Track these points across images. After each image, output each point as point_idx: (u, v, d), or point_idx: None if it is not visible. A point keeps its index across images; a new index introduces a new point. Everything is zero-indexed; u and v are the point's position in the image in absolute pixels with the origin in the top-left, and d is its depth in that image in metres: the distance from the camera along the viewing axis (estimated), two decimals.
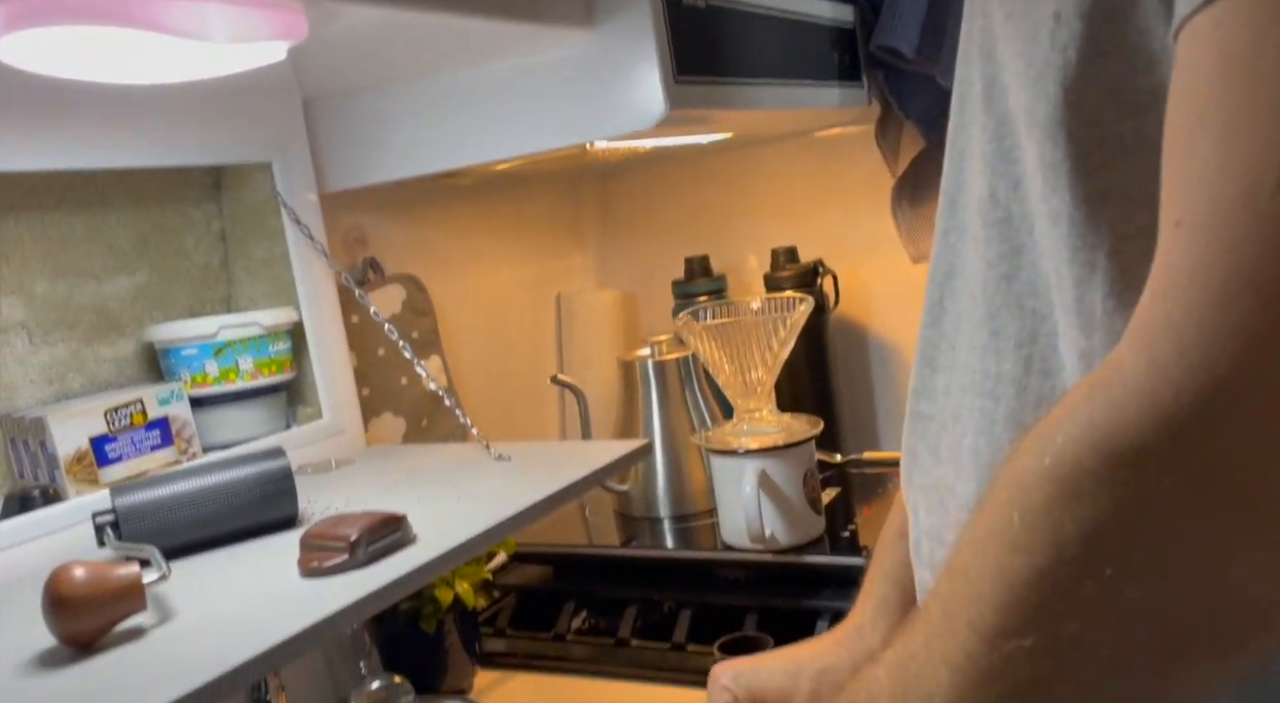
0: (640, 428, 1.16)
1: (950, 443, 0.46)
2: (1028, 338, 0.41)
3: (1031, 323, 0.41)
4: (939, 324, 0.48)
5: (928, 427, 0.49)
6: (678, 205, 1.52)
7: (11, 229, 0.81)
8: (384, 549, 0.63)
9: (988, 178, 0.41)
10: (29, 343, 0.82)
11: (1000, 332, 0.42)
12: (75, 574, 0.52)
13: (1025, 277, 0.41)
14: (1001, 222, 0.41)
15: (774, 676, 0.61)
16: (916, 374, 0.50)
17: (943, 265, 0.47)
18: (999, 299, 0.42)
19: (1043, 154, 0.37)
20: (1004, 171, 0.41)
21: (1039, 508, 0.32)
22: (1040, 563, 0.32)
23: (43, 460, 0.77)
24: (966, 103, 0.44)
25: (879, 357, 1.42)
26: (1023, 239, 0.40)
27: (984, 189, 0.42)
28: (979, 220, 0.42)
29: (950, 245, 0.46)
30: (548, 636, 1.04)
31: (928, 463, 0.49)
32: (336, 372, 0.98)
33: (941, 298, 0.47)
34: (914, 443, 0.50)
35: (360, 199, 1.12)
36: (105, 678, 0.50)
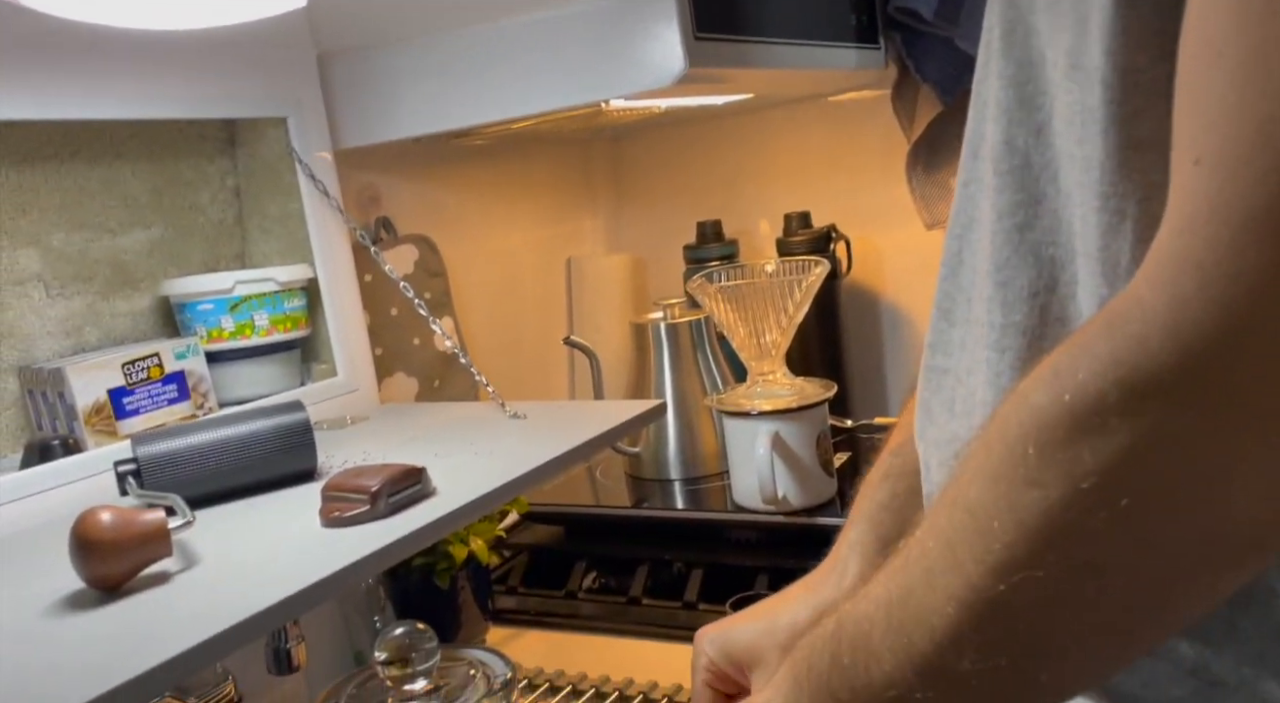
0: (652, 391, 1.17)
1: (965, 396, 0.46)
2: (1044, 288, 0.41)
3: (1050, 271, 0.40)
4: (957, 277, 0.47)
5: (942, 380, 0.49)
6: (690, 169, 1.51)
7: (28, 179, 0.81)
8: (404, 501, 0.64)
9: (1004, 125, 0.41)
10: (46, 295, 0.82)
11: (1009, 283, 0.42)
12: (102, 518, 0.52)
13: (1044, 225, 0.40)
14: (1018, 169, 0.40)
15: (746, 634, 0.59)
16: (933, 328, 0.49)
17: (962, 217, 0.46)
18: (1009, 249, 0.41)
19: (1080, 99, 0.37)
20: (1023, 119, 0.40)
21: (1058, 443, 0.33)
22: (1055, 496, 0.33)
23: (61, 412, 0.78)
24: (989, 50, 0.43)
25: (890, 323, 1.42)
26: (1044, 187, 0.40)
27: (999, 137, 0.41)
28: (991, 168, 0.41)
29: (970, 197, 0.45)
30: (559, 594, 1.05)
31: (942, 418, 0.49)
32: (351, 329, 0.98)
33: (960, 250, 0.47)
34: (928, 397, 0.50)
35: (373, 158, 1.12)
36: (133, 620, 0.51)
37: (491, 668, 0.57)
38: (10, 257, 0.80)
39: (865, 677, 0.39)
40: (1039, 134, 0.40)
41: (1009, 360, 0.42)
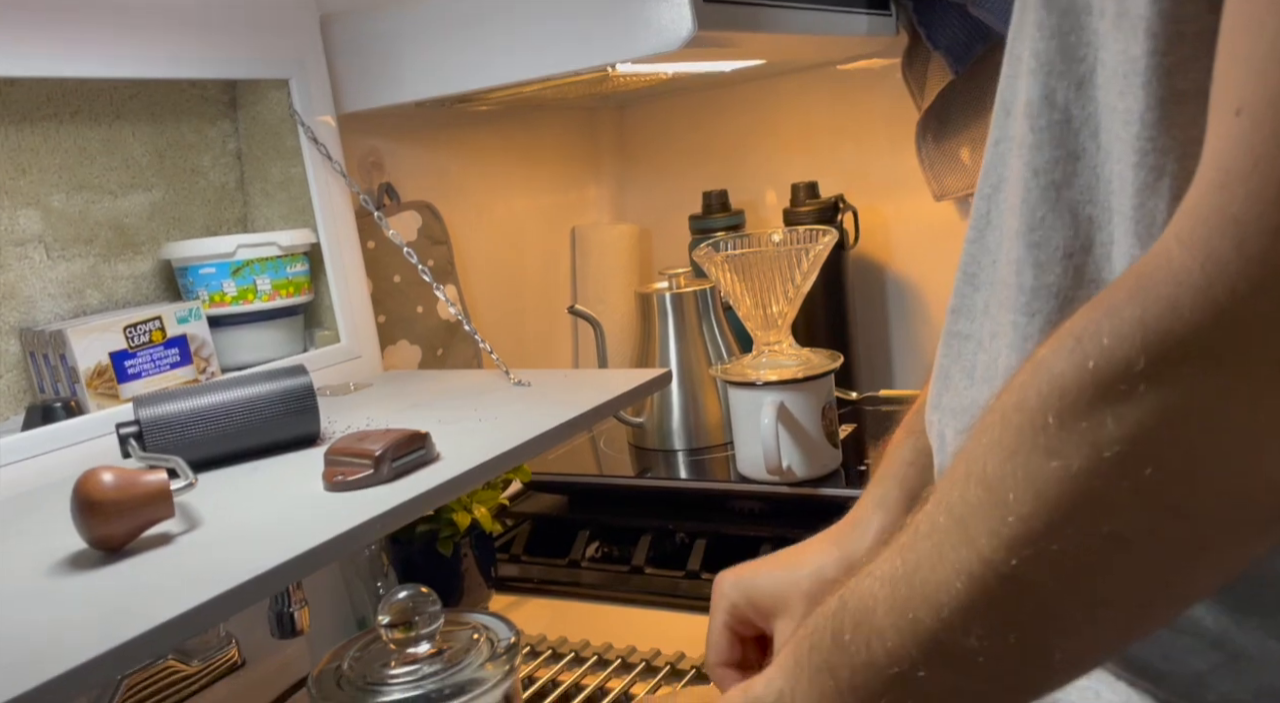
0: (656, 361, 1.16)
1: (987, 362, 0.45)
2: (1079, 248, 0.39)
3: (1087, 231, 0.39)
4: (983, 239, 0.46)
5: (964, 346, 0.48)
6: (696, 138, 1.49)
7: (28, 139, 0.80)
8: (408, 466, 0.63)
9: (1042, 78, 0.39)
10: (46, 257, 0.81)
11: (1043, 243, 0.40)
12: (104, 479, 0.52)
13: (1082, 182, 0.39)
14: (1057, 124, 0.39)
15: (770, 580, 0.60)
16: (956, 292, 0.48)
17: (992, 177, 0.45)
18: (1044, 208, 0.40)
19: (1125, 49, 0.36)
20: (1065, 71, 0.39)
21: (1080, 411, 0.32)
22: (1077, 466, 0.32)
23: (63, 374, 0.77)
24: (1025, 3, 0.42)
25: (896, 296, 1.41)
26: (1084, 142, 0.38)
27: (1037, 91, 0.39)
28: (1027, 125, 0.40)
29: (1000, 155, 0.44)
30: (562, 562, 1.05)
31: (961, 384, 0.48)
32: (354, 295, 0.97)
33: (988, 211, 0.45)
34: (948, 364, 0.49)
35: (376, 123, 1.11)
36: (135, 580, 0.50)
37: (495, 632, 0.57)
38: (10, 217, 0.79)
39: (866, 654, 0.38)
40: (1080, 87, 0.39)
41: (1038, 324, 0.41)
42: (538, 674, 0.84)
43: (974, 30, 1.18)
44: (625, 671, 0.83)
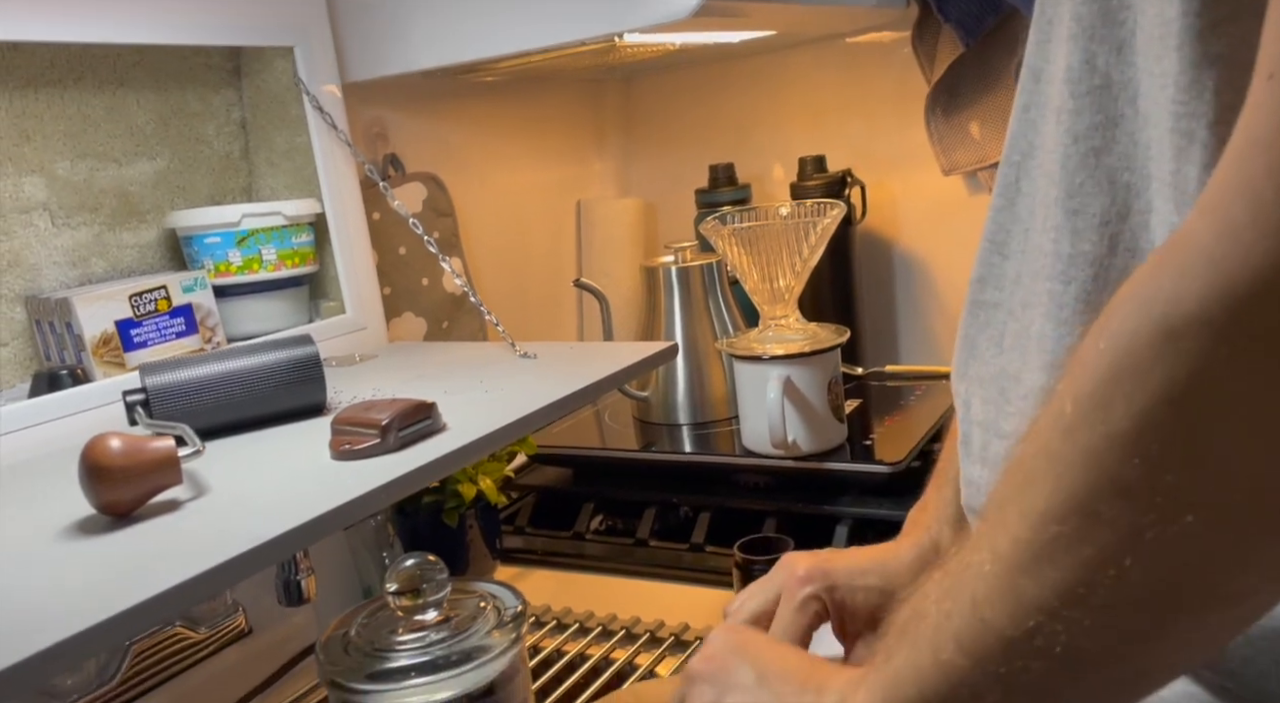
0: (662, 335, 1.16)
1: (1017, 331, 0.45)
2: (1116, 215, 0.39)
3: (1124, 198, 0.39)
4: (1013, 207, 0.46)
5: (993, 315, 0.47)
6: (703, 111, 1.48)
7: (31, 105, 0.79)
8: (415, 435, 0.63)
9: (1083, 43, 0.39)
10: (51, 225, 0.81)
11: (1081, 210, 0.40)
12: (112, 444, 0.52)
13: (1121, 149, 0.38)
14: (1098, 90, 0.38)
15: (869, 594, 0.58)
16: (982, 261, 0.48)
17: (1021, 144, 0.44)
18: (1083, 175, 0.39)
19: (1162, 10, 0.35)
20: (1106, 35, 0.38)
21: (1091, 390, 0.31)
22: (1086, 443, 0.31)
23: (69, 342, 0.77)
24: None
25: (903, 271, 1.40)
26: (1122, 108, 0.38)
27: (1078, 56, 0.39)
28: (1066, 91, 0.39)
29: (1031, 122, 0.44)
30: (566, 534, 1.05)
31: (989, 353, 0.47)
32: (359, 266, 0.96)
33: (1018, 179, 0.45)
34: (974, 333, 0.49)
35: (381, 93, 1.10)
36: (143, 546, 0.51)
37: (502, 601, 0.57)
38: (15, 184, 0.78)
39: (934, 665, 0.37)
40: (1120, 51, 0.38)
41: (1074, 292, 0.40)
42: (543, 644, 0.84)
43: (986, 2, 1.17)
44: (629, 641, 0.84)
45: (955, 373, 0.51)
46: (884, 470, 0.96)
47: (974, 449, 0.49)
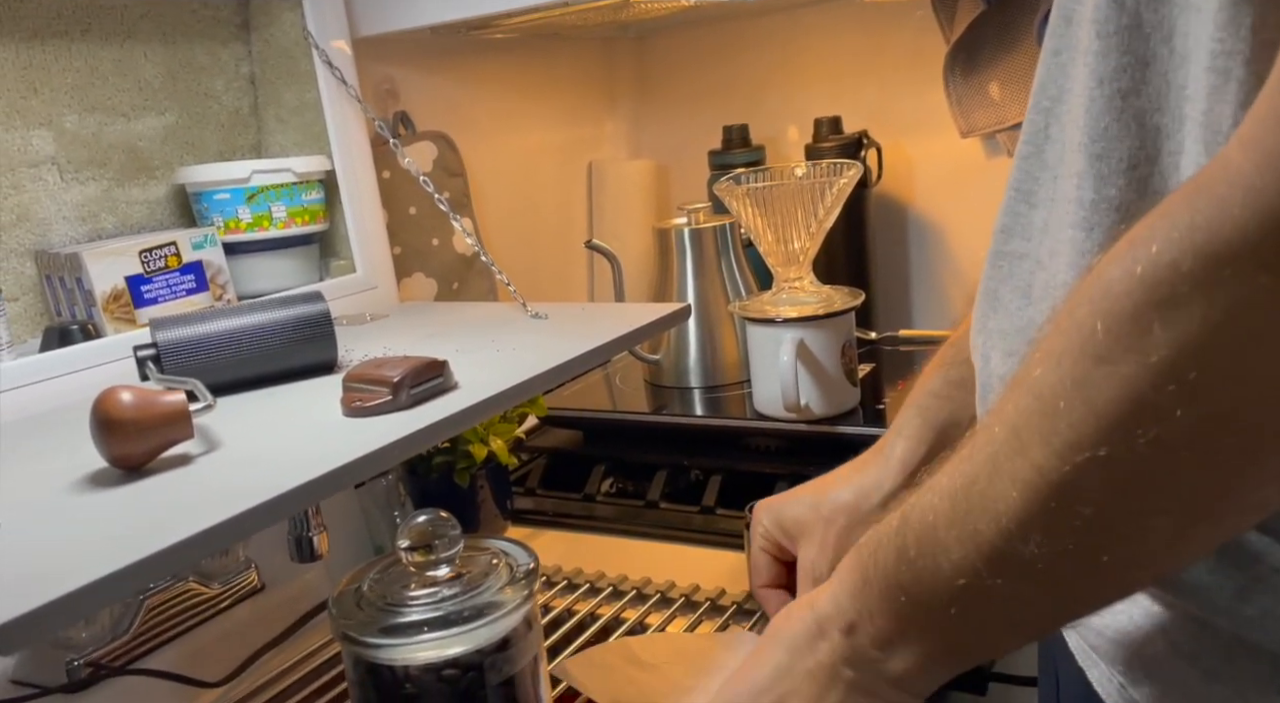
0: (674, 297, 1.15)
1: (1045, 281, 0.44)
2: (1145, 159, 0.38)
3: (1154, 141, 0.38)
4: (1041, 155, 0.45)
5: (1018, 265, 0.47)
6: (716, 71, 1.46)
7: (37, 57, 0.78)
8: (427, 393, 0.63)
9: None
10: (60, 179, 0.80)
11: (1105, 155, 0.39)
12: (123, 397, 0.52)
13: (1151, 91, 0.37)
14: (1127, 29, 0.38)
15: (795, 508, 0.63)
16: (1008, 210, 0.47)
17: (1051, 89, 0.43)
18: (1108, 118, 0.38)
19: None
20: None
21: (1127, 316, 0.31)
22: (1124, 371, 0.31)
23: (79, 297, 0.77)
24: None
25: (917, 235, 1.38)
26: (1155, 48, 0.37)
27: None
28: (1094, 31, 0.39)
29: (1061, 66, 0.42)
30: (577, 496, 1.05)
31: (1014, 305, 0.47)
32: (370, 225, 0.96)
33: (1047, 125, 0.44)
34: (996, 285, 0.48)
35: (391, 50, 1.08)
36: (155, 499, 0.50)
37: (515, 558, 0.57)
38: (23, 137, 0.78)
39: (933, 567, 0.39)
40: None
41: (1097, 239, 0.40)
42: (553, 604, 0.85)
43: None
44: (640, 601, 0.84)
45: (974, 327, 0.50)
46: None
47: (991, 401, 0.48)
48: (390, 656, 0.54)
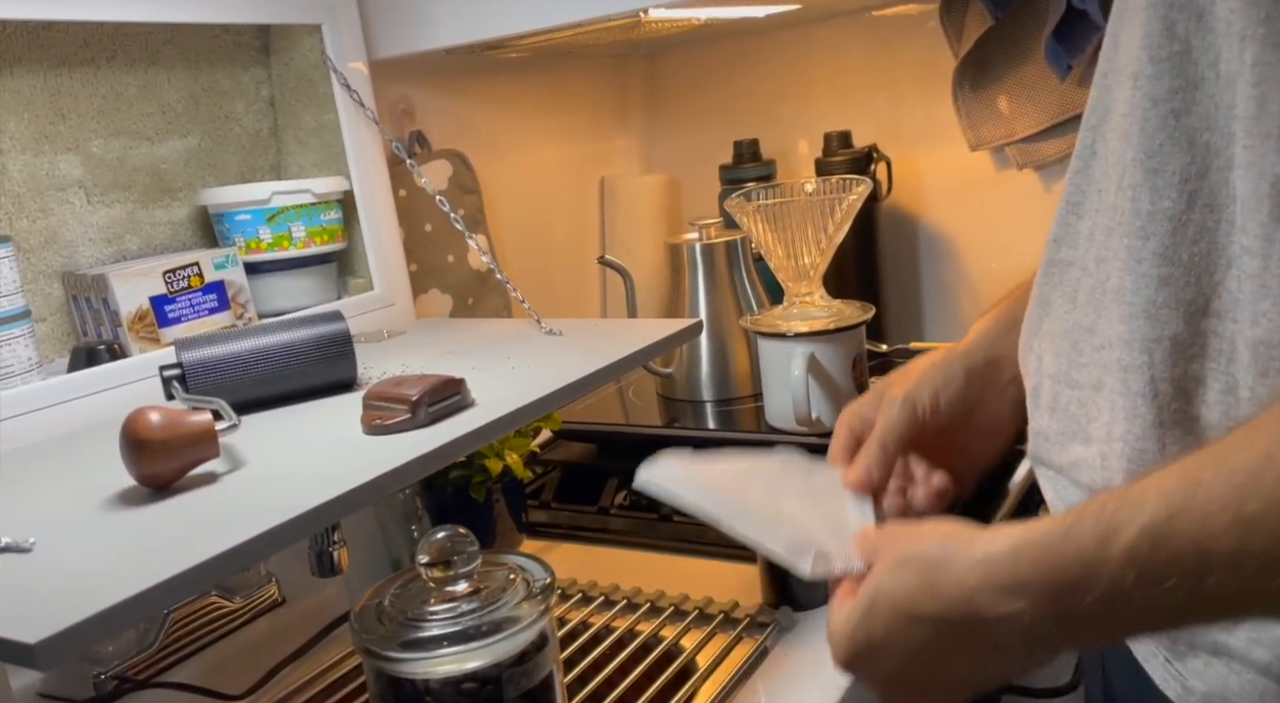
0: (686, 312, 1.16)
1: (1091, 286, 0.47)
2: (1195, 174, 0.41)
3: (1203, 157, 0.41)
4: (1088, 169, 0.48)
5: (1066, 272, 0.50)
6: (727, 87, 1.47)
7: (65, 83, 0.80)
8: (444, 410, 0.64)
9: (1162, 11, 0.41)
10: (87, 202, 0.82)
11: (1160, 169, 0.42)
12: (151, 418, 0.53)
13: (1201, 110, 0.41)
14: (1178, 55, 0.41)
15: (865, 406, 0.65)
16: (1059, 221, 0.51)
17: (1099, 109, 0.47)
18: (1162, 136, 0.42)
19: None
20: (1185, 3, 0.41)
21: None
22: None
23: (105, 317, 0.78)
24: None
25: (928, 248, 1.39)
26: (1203, 72, 0.40)
27: (1156, 24, 0.42)
28: (1145, 56, 0.42)
29: (1107, 88, 0.46)
30: (591, 509, 1.06)
31: (1062, 309, 0.50)
32: (387, 243, 0.97)
33: (1094, 142, 0.48)
34: (1048, 291, 0.51)
35: (406, 70, 1.10)
36: (183, 517, 0.52)
37: (531, 573, 0.59)
38: (51, 162, 0.80)
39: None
40: (1201, 18, 0.40)
41: (1153, 247, 0.43)
42: (569, 616, 0.86)
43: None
44: (655, 614, 0.85)
45: (1027, 330, 0.54)
46: None
47: (1043, 400, 0.52)
48: (411, 669, 0.55)
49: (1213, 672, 0.44)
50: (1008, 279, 1.40)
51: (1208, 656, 0.44)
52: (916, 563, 0.46)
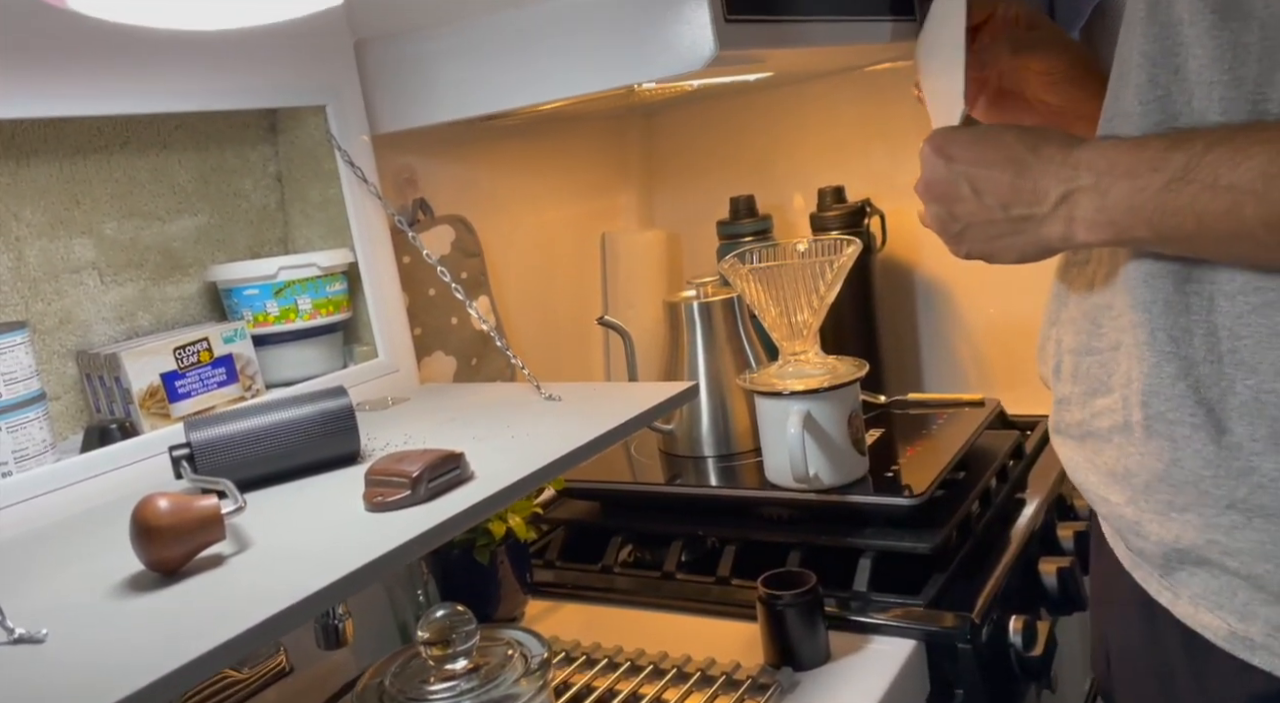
0: (685, 368, 1.18)
1: (1106, 273, 0.62)
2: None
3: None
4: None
5: (1083, 269, 0.65)
6: (723, 144, 1.51)
7: (80, 171, 0.83)
8: (444, 485, 0.66)
9: (1148, 70, 0.56)
10: (100, 283, 0.85)
11: None
12: (160, 505, 0.55)
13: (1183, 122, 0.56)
14: (1159, 99, 0.56)
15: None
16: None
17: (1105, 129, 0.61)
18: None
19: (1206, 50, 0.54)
20: (1165, 63, 0.55)
21: None
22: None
23: (117, 395, 0.81)
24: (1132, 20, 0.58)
25: (924, 297, 1.41)
26: (1179, 109, 0.56)
27: (1144, 77, 0.56)
28: (1136, 100, 0.57)
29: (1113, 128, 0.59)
30: (595, 568, 1.07)
31: (1077, 297, 0.65)
32: (391, 311, 1.00)
33: None
34: (1064, 288, 0.68)
35: (410, 140, 1.13)
36: (193, 602, 0.54)
37: (529, 648, 0.60)
38: (66, 246, 0.83)
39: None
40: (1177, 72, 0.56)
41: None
42: (572, 680, 0.87)
43: None
44: (657, 676, 0.86)
45: (1046, 321, 0.69)
46: (906, 503, 0.97)
47: (1065, 372, 0.66)
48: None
49: (1196, 579, 0.58)
50: (1007, 324, 1.44)
51: (1192, 567, 0.58)
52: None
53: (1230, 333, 0.56)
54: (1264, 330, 0.55)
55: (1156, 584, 0.61)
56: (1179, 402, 0.57)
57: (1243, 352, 0.55)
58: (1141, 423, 0.59)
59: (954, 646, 0.87)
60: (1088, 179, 0.57)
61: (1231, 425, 0.56)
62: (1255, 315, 0.55)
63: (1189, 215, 0.53)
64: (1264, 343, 0.55)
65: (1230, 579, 0.57)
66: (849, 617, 0.91)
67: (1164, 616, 0.61)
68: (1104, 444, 0.64)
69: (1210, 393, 0.56)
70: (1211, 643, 0.58)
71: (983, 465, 1.11)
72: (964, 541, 1.01)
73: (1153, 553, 0.61)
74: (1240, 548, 0.56)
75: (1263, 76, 0.52)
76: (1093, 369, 0.64)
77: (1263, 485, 0.55)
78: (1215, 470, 0.56)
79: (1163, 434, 0.58)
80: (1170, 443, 0.58)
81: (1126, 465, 0.61)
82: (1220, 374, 0.56)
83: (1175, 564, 0.60)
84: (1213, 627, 0.58)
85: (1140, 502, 0.61)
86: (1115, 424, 0.62)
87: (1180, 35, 0.55)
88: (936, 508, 0.99)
